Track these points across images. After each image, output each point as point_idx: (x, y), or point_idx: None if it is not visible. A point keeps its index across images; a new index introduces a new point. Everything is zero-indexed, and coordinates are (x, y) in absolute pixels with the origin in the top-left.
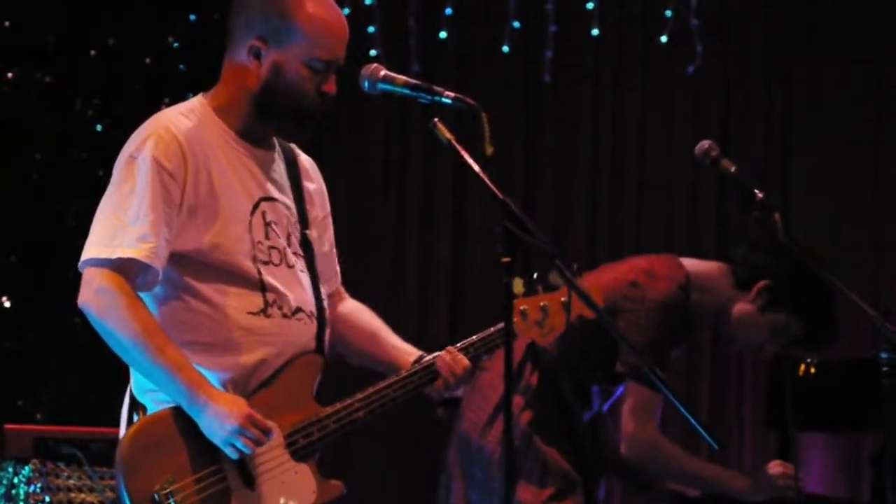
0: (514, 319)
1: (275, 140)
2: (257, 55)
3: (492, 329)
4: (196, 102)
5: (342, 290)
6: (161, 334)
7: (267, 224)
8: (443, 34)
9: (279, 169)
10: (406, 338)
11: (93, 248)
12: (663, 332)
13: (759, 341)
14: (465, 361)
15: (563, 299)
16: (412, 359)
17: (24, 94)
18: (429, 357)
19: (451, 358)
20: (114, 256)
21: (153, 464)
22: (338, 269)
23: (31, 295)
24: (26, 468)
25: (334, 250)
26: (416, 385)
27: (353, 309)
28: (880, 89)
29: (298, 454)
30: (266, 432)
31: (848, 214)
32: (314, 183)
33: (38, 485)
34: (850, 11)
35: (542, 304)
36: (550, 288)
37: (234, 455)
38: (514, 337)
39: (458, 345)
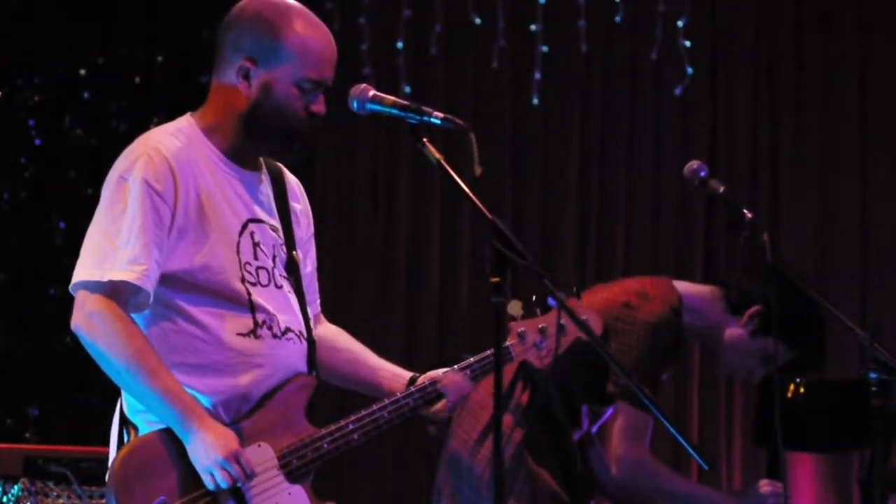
0: (512, 342)
1: (261, 161)
2: (246, 75)
3: (488, 352)
4: (184, 122)
5: (321, 315)
6: (154, 358)
7: (255, 245)
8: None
9: (266, 190)
10: (393, 356)
11: (84, 271)
12: (655, 353)
13: (749, 366)
14: (469, 385)
15: (561, 322)
16: (404, 379)
17: (12, 112)
18: (423, 378)
19: (458, 381)
20: (105, 279)
21: (145, 485)
22: (317, 293)
23: (20, 313)
24: (16, 487)
25: (316, 273)
26: (411, 408)
27: (333, 332)
28: (865, 105)
29: (293, 475)
30: (249, 474)
31: (836, 233)
32: (300, 204)
33: None
34: (835, 35)
35: (540, 326)
36: (548, 310)
37: (210, 485)
38: (510, 360)
39: (456, 366)
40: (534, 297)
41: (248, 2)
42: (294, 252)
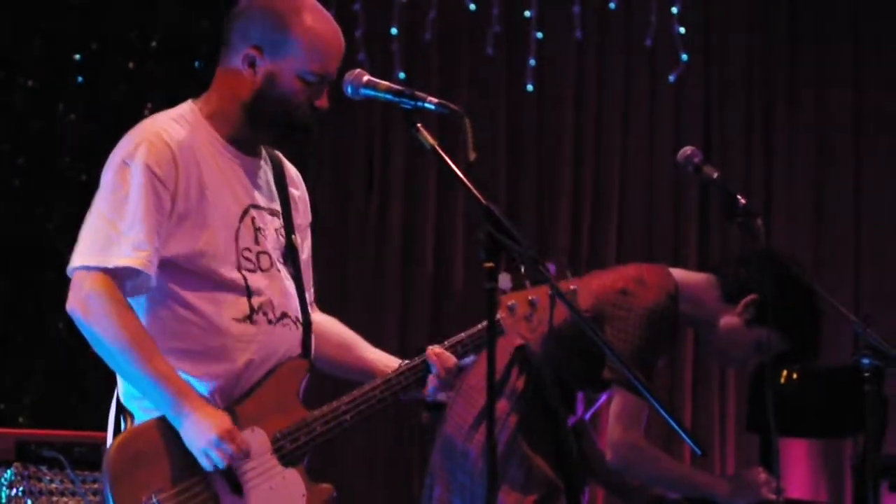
0: (502, 314)
1: (262, 147)
2: (252, 64)
3: (479, 326)
4: (187, 108)
5: (314, 304)
6: (149, 342)
7: (256, 230)
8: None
9: (266, 176)
10: (388, 338)
11: (86, 256)
12: (651, 340)
13: (743, 355)
14: (453, 359)
15: (551, 293)
16: (392, 366)
17: (7, 98)
18: (414, 359)
19: (440, 353)
20: (110, 265)
21: (140, 473)
22: (311, 281)
23: (13, 299)
24: (8, 472)
25: (310, 261)
26: (402, 386)
27: (325, 321)
28: (860, 93)
29: (286, 459)
30: (245, 452)
31: (829, 220)
32: (298, 191)
33: (20, 488)
34: (829, 22)
35: (530, 298)
36: (538, 281)
37: (208, 466)
38: (501, 334)
39: (447, 342)
40: (523, 270)
41: None
42: (293, 237)
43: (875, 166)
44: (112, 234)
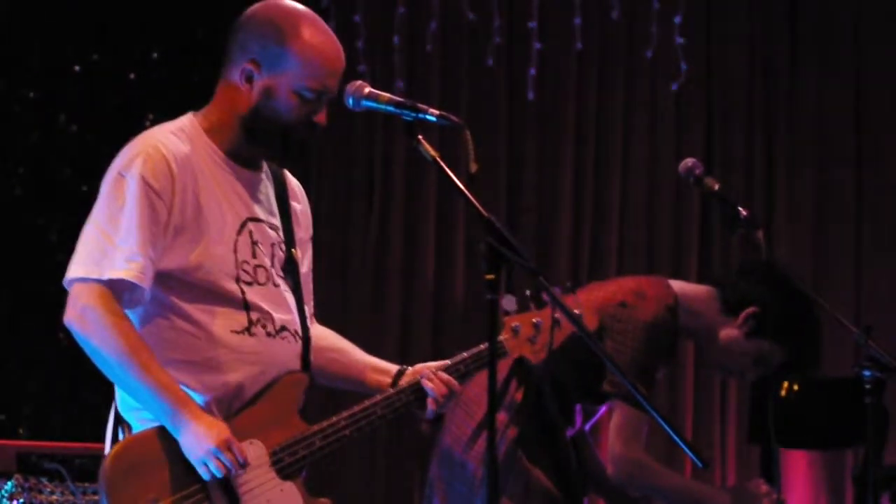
0: (506, 336)
1: (263, 161)
2: (249, 78)
3: (482, 346)
4: (186, 121)
5: (313, 316)
6: (146, 352)
7: (254, 243)
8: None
9: (266, 190)
10: (388, 352)
11: (80, 267)
12: (651, 352)
13: (743, 367)
14: (454, 383)
15: (555, 316)
16: (390, 374)
17: (7, 108)
18: (410, 371)
19: (438, 381)
20: (104, 277)
21: (136, 483)
22: (312, 295)
23: (13, 310)
24: (9, 483)
25: (311, 275)
26: (403, 403)
27: (322, 332)
28: (861, 102)
29: (284, 472)
30: (242, 463)
31: (831, 231)
32: (300, 204)
33: (21, 500)
34: (831, 32)
35: (534, 320)
36: (543, 304)
37: (205, 475)
38: (504, 355)
39: (449, 361)
40: (528, 292)
41: (262, 5)
42: (293, 250)
43: (878, 174)
44: (107, 245)
